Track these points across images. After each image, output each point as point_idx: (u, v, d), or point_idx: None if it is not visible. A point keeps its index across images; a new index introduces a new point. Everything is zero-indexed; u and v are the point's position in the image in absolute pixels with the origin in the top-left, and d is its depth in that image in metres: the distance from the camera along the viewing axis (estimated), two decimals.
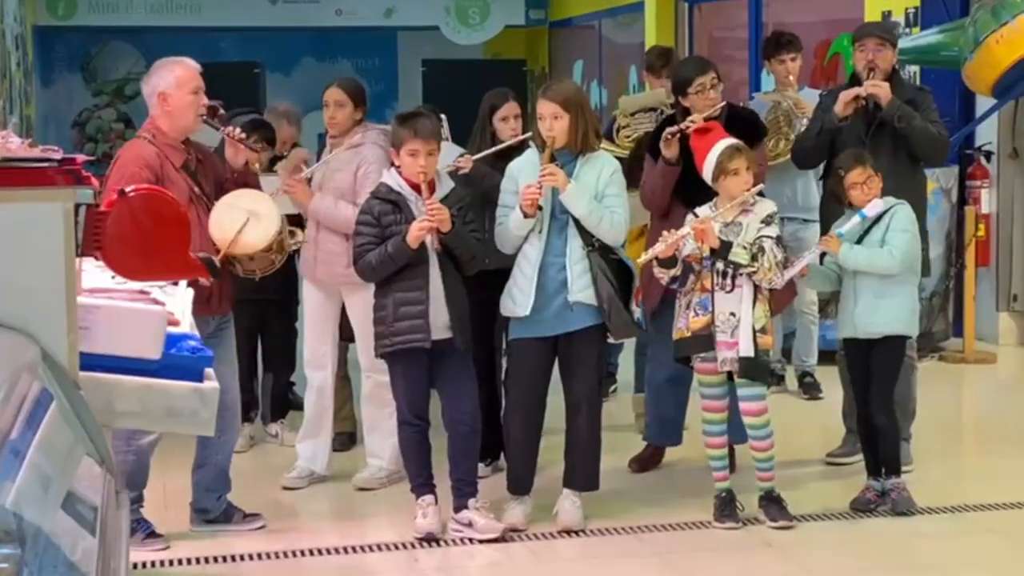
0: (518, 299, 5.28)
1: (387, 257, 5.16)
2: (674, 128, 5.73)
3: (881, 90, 5.82)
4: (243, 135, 5.32)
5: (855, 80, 6.04)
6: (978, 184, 9.11)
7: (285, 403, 7.04)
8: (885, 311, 5.44)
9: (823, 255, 5.57)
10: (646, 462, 6.20)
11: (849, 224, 5.46)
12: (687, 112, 5.83)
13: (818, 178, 6.68)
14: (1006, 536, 5.32)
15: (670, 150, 5.71)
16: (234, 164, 5.31)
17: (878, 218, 5.45)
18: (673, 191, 5.74)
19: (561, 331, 5.27)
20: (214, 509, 5.38)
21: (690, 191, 5.65)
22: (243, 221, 4.99)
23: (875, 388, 5.53)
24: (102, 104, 17.46)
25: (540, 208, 5.20)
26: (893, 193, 5.54)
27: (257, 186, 5.47)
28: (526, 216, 5.20)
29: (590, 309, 5.25)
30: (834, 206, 5.80)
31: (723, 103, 5.84)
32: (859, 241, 5.47)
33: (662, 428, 6.18)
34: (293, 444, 6.28)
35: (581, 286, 5.24)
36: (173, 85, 5.15)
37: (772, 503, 5.36)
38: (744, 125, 5.80)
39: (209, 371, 2.93)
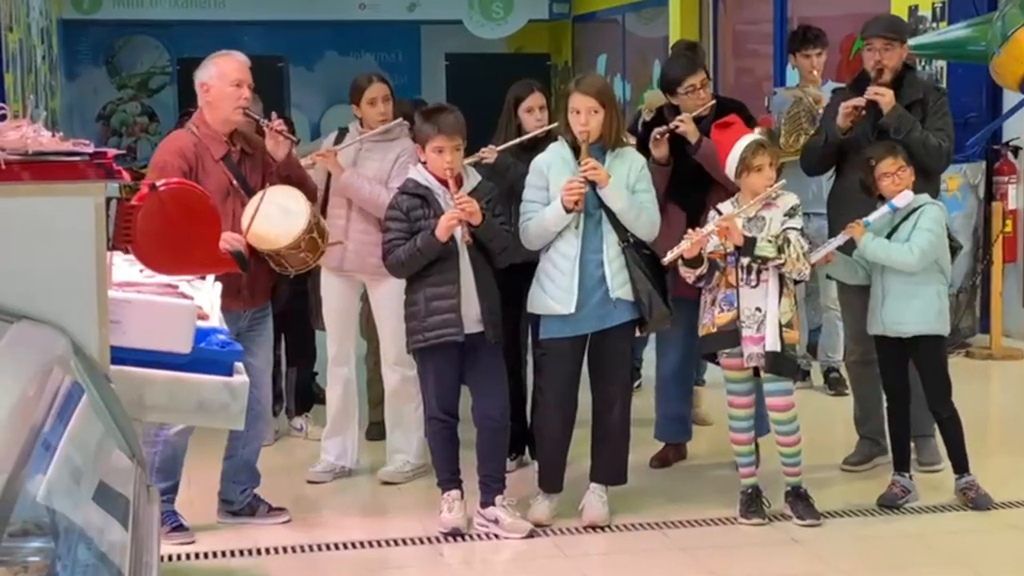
0: (558, 296, 5.23)
1: (416, 251, 5.15)
2: (662, 128, 5.74)
3: (883, 98, 5.69)
4: (283, 126, 5.32)
5: (864, 77, 5.95)
6: (1005, 180, 9.05)
7: (309, 397, 7.05)
8: (912, 311, 5.42)
9: (852, 247, 5.53)
10: (666, 459, 6.19)
11: (877, 214, 5.43)
12: (676, 110, 5.83)
13: (828, 177, 6.63)
14: None
15: (659, 150, 5.70)
16: (276, 155, 5.31)
17: (908, 215, 5.42)
18: (665, 190, 5.72)
19: (600, 327, 5.25)
20: (238, 501, 5.40)
21: (682, 190, 5.62)
22: (270, 216, 4.99)
23: (929, 388, 5.53)
24: (126, 98, 17.53)
25: (577, 203, 5.15)
26: (873, 193, 5.51)
27: (303, 177, 5.46)
28: (568, 211, 5.17)
29: (628, 304, 5.24)
30: (842, 204, 5.78)
31: (712, 102, 5.82)
32: (889, 236, 5.44)
33: (669, 424, 6.19)
34: (318, 438, 6.28)
35: (620, 281, 5.22)
36: (215, 76, 5.17)
37: (799, 499, 5.33)
38: (733, 111, 5.80)
39: (239, 365, 2.93)
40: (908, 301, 5.42)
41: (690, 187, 5.76)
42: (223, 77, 5.15)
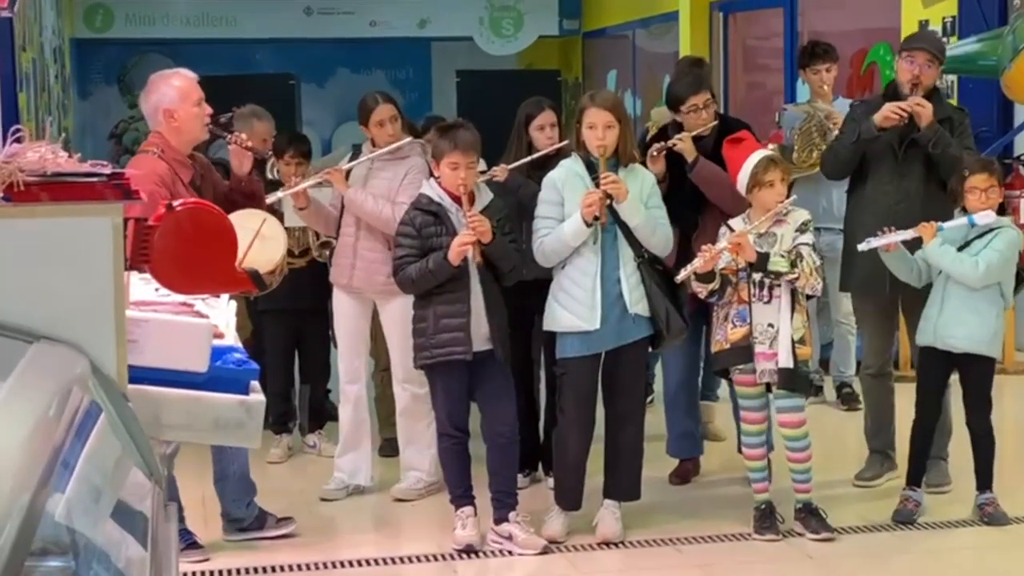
0: (581, 313, 5.22)
1: (428, 272, 5.17)
2: (660, 145, 5.75)
3: (925, 110, 5.68)
4: (249, 142, 5.31)
5: (893, 89, 5.96)
6: (1017, 194, 9.03)
7: (322, 414, 7.06)
8: (968, 326, 5.36)
9: (916, 244, 5.46)
10: (686, 474, 6.19)
11: (954, 223, 5.38)
12: (681, 127, 5.84)
13: (839, 191, 6.63)
14: None
15: (656, 166, 5.71)
16: (239, 172, 5.31)
17: (982, 234, 5.38)
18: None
19: (619, 344, 5.25)
20: (247, 517, 5.40)
21: (677, 209, 5.63)
22: (249, 243, 5.00)
23: (971, 406, 5.52)
24: (138, 116, 17.44)
25: (597, 217, 5.15)
26: (921, 210, 5.50)
27: (261, 195, 5.46)
28: (588, 225, 5.17)
29: (645, 320, 5.26)
30: (862, 214, 5.77)
31: (714, 122, 5.82)
32: (960, 250, 5.39)
33: (679, 440, 6.19)
34: (331, 455, 6.29)
35: (637, 297, 5.23)
36: (177, 100, 5.13)
37: (811, 515, 5.31)
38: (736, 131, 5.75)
39: (254, 384, 2.95)
40: (966, 316, 5.36)
41: (685, 206, 5.76)
42: (186, 98, 5.13)
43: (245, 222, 5.04)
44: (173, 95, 5.14)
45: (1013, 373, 8.54)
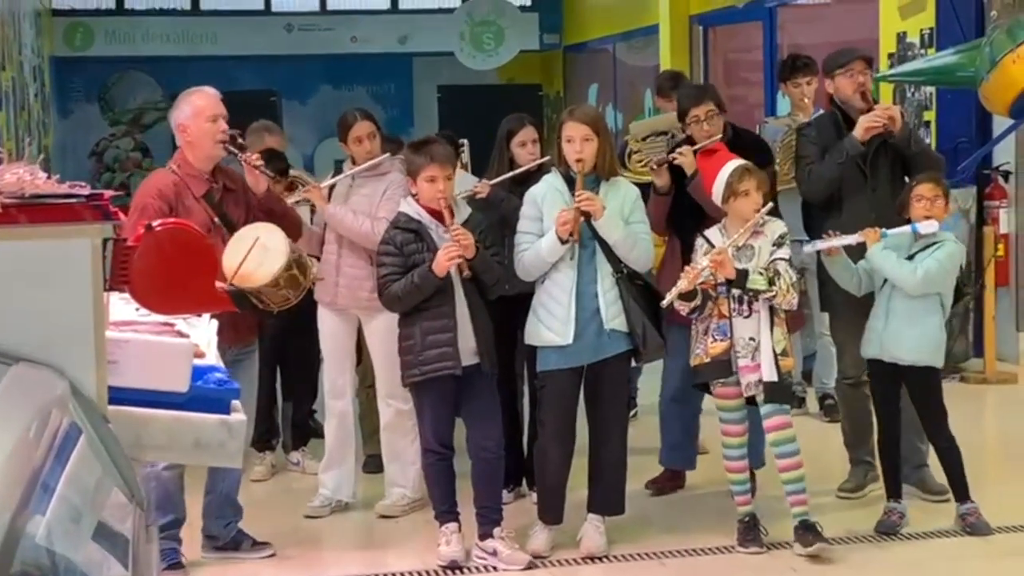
0: (555, 327, 5.25)
1: (413, 287, 5.16)
2: (660, 158, 5.77)
3: (896, 113, 5.79)
4: (260, 161, 5.34)
5: (839, 108, 5.98)
6: (996, 204, 9.10)
7: (306, 431, 7.05)
8: (912, 338, 5.42)
9: (859, 252, 5.50)
10: (663, 485, 6.20)
11: (898, 230, 5.44)
12: (691, 140, 5.85)
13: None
14: None
15: (660, 179, 5.72)
16: (256, 190, 5.33)
17: (928, 246, 5.42)
18: (667, 220, 5.73)
19: (596, 359, 5.26)
20: (222, 536, 5.39)
21: (679, 221, 5.64)
22: (248, 254, 4.99)
23: (925, 419, 5.56)
24: (119, 134, 17.56)
25: (572, 234, 5.17)
26: (890, 217, 5.53)
27: (285, 211, 5.48)
28: (563, 242, 5.19)
29: (622, 335, 5.26)
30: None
31: (719, 135, 5.82)
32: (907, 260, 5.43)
33: (672, 451, 6.20)
34: (315, 472, 6.28)
35: (614, 313, 5.24)
36: (190, 115, 5.19)
37: (807, 530, 5.25)
38: (749, 151, 5.74)
39: (236, 403, 2.94)
40: (909, 329, 5.42)
41: (686, 218, 5.77)
42: (199, 114, 5.18)
43: (246, 233, 5.05)
44: (188, 111, 5.20)
45: (995, 383, 8.58)
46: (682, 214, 5.76)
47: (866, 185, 5.84)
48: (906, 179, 5.84)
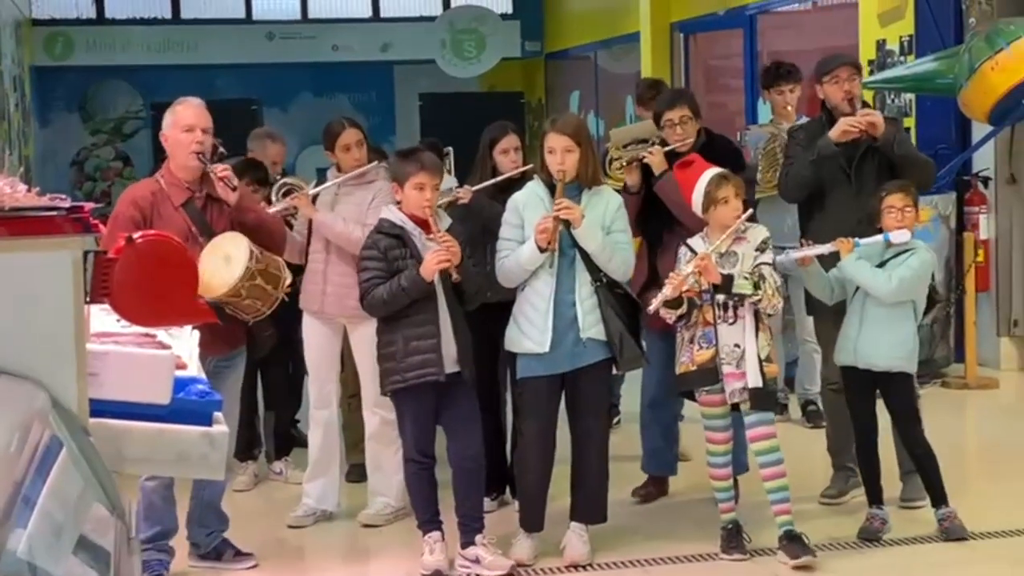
0: (533, 335, 5.26)
1: (400, 291, 5.16)
2: (632, 155, 5.81)
3: (877, 119, 5.81)
4: (226, 172, 5.30)
5: (829, 113, 6.01)
6: (976, 210, 9.13)
7: (289, 440, 7.03)
8: (886, 345, 5.45)
9: (832, 261, 5.52)
10: (649, 493, 6.20)
11: (870, 240, 5.46)
12: (665, 142, 5.89)
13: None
14: (1015, 563, 5.31)
15: (631, 178, 5.75)
16: (227, 201, 5.31)
17: (899, 254, 5.46)
18: (635, 220, 5.73)
19: (573, 367, 5.27)
20: (204, 545, 5.38)
21: (645, 221, 5.65)
22: (215, 265, 4.98)
23: (899, 426, 5.59)
24: (100, 143, 17.52)
25: (550, 242, 5.17)
26: (875, 223, 5.56)
27: (256, 222, 5.42)
28: (542, 251, 5.20)
29: (600, 344, 5.26)
30: (825, 239, 5.80)
31: (691, 139, 5.85)
32: (878, 268, 5.46)
33: (652, 457, 6.21)
34: (298, 481, 6.28)
35: (592, 322, 5.24)
36: (170, 125, 5.23)
37: (793, 541, 5.24)
38: (722, 158, 5.75)
39: (218, 415, 2.93)
40: (883, 336, 5.45)
41: (653, 220, 5.80)
42: (176, 124, 5.20)
43: (215, 243, 5.04)
44: (169, 120, 5.25)
45: (976, 388, 8.61)
46: (649, 215, 5.77)
47: (850, 188, 5.86)
48: None
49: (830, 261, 5.56)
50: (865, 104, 6.11)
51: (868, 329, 5.48)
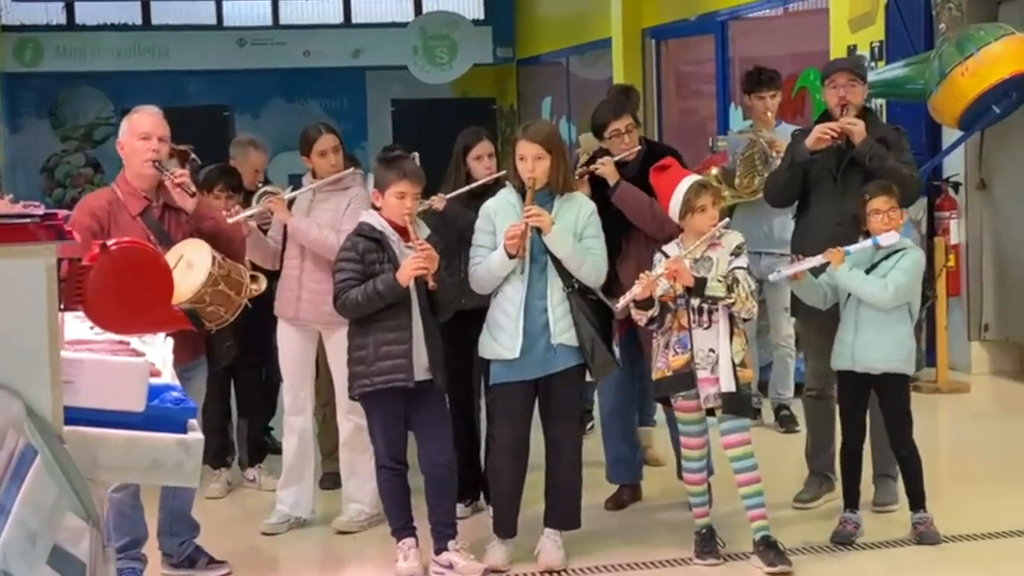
0: (504, 341, 5.26)
1: (375, 294, 5.15)
2: (582, 169, 5.81)
3: (856, 127, 5.78)
4: (183, 178, 5.27)
5: (827, 117, 6.03)
6: (947, 215, 9.19)
7: (261, 447, 7.01)
8: (883, 348, 5.46)
9: (822, 269, 5.54)
10: (621, 500, 6.21)
11: (859, 246, 5.47)
12: (608, 153, 5.89)
13: (792, 216, 6.69)
14: (987, 567, 5.34)
15: (580, 191, 5.75)
16: (184, 207, 5.28)
17: (888, 256, 5.47)
18: None
19: (545, 373, 5.27)
20: (176, 554, 5.35)
21: (605, 232, 5.67)
22: (176, 272, 4.93)
23: (891, 427, 5.60)
24: (71, 149, 17.43)
25: (519, 249, 5.18)
26: (854, 227, 5.57)
27: (214, 229, 5.35)
28: (511, 257, 5.20)
29: (572, 350, 5.27)
30: (807, 241, 5.83)
31: (638, 147, 5.88)
32: (868, 272, 5.47)
33: (616, 465, 6.22)
34: (271, 488, 6.26)
35: (563, 328, 5.25)
36: (126, 132, 5.19)
37: (769, 548, 5.26)
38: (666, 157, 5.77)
39: (192, 422, 2.92)
40: (880, 338, 5.45)
41: (610, 229, 5.80)
42: (132, 132, 5.16)
43: (175, 250, 5.01)
44: (125, 127, 5.20)
45: (947, 392, 8.65)
46: (606, 227, 5.77)
47: (835, 193, 5.87)
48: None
49: (819, 267, 5.56)
50: (867, 111, 6.04)
51: (864, 332, 5.48)
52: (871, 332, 5.47)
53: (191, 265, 4.98)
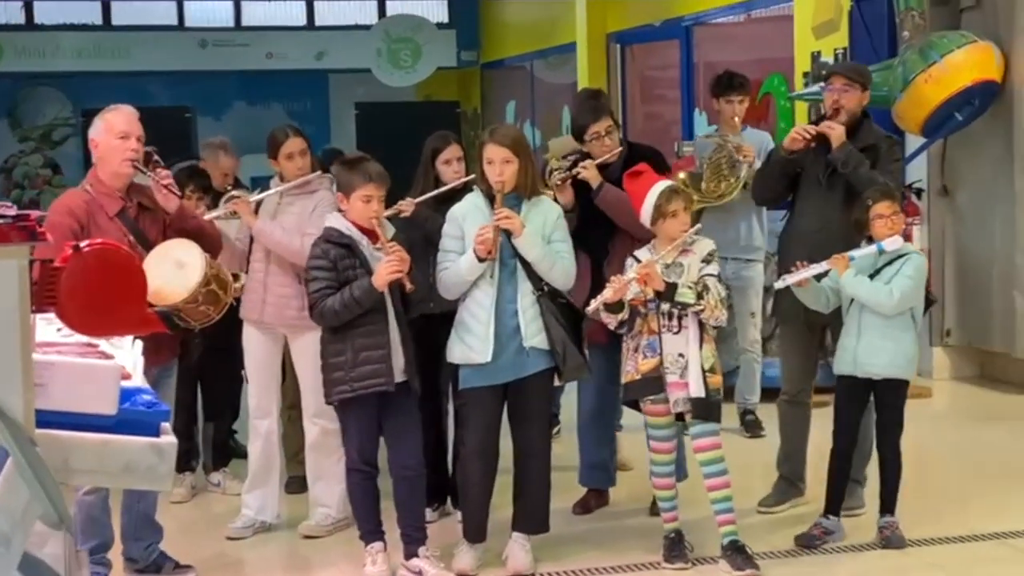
0: (475, 346, 5.24)
1: (353, 302, 5.11)
2: (565, 174, 5.79)
3: (833, 132, 5.76)
4: (168, 179, 5.26)
5: (820, 119, 6.04)
6: (910, 221, 9.22)
7: (227, 451, 6.96)
8: (886, 353, 5.47)
9: (825, 273, 5.53)
10: (588, 504, 6.20)
11: (862, 252, 5.48)
12: (588, 156, 5.88)
13: (758, 221, 6.73)
14: (951, 571, 5.37)
15: (563, 196, 5.75)
16: (167, 208, 5.25)
17: (891, 261, 5.48)
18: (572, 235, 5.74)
19: (516, 377, 5.26)
20: (142, 559, 5.31)
21: (586, 236, 5.67)
22: (166, 272, 4.92)
23: (883, 430, 5.62)
24: (28, 150, 17.28)
25: (490, 252, 5.17)
26: (841, 238, 5.57)
27: (197, 228, 5.37)
28: (481, 260, 5.19)
29: (542, 353, 5.26)
30: (795, 244, 5.84)
31: (619, 148, 5.88)
32: (871, 277, 5.48)
33: (590, 470, 6.21)
34: (236, 493, 6.22)
35: (534, 331, 5.24)
36: (102, 131, 5.13)
37: (737, 552, 5.27)
38: (646, 161, 5.77)
39: (165, 425, 2.89)
40: (884, 344, 5.46)
41: (594, 232, 5.80)
42: (109, 131, 5.11)
43: (162, 250, 4.98)
44: (100, 126, 5.14)
45: (911, 397, 8.64)
46: (591, 229, 5.78)
47: (819, 199, 5.87)
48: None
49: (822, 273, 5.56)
50: (866, 115, 6.02)
51: (867, 337, 5.48)
52: (874, 337, 5.47)
53: (182, 265, 4.96)
